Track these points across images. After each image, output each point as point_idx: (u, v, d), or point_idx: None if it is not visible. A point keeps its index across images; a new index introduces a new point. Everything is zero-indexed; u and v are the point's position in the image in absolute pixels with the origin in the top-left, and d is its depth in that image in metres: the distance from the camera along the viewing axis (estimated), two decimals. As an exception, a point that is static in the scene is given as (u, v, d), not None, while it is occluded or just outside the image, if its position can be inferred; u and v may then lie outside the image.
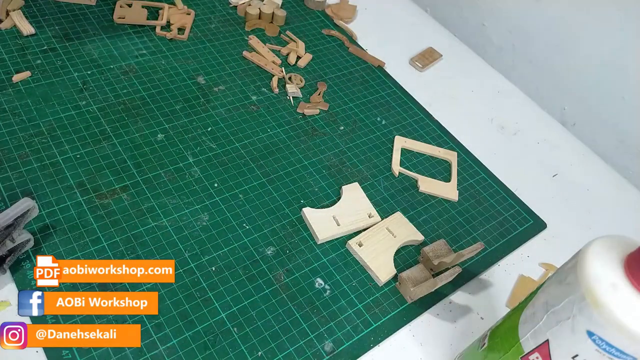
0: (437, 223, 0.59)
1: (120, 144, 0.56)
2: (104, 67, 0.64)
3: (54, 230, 0.48)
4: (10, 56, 0.61)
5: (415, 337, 0.49)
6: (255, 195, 0.56)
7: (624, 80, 0.71)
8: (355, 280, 0.52)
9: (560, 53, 0.77)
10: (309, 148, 0.63)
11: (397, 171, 0.63)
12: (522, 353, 0.37)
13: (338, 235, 0.54)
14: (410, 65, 0.80)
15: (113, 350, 0.42)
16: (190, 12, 0.74)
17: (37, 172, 0.52)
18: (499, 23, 0.84)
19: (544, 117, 0.79)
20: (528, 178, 0.68)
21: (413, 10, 0.92)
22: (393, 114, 0.70)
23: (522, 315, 0.38)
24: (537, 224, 0.62)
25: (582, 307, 0.32)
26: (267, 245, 0.52)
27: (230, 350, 0.44)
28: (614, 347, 0.31)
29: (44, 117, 0.56)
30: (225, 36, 0.73)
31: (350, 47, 0.79)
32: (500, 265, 0.57)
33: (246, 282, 0.49)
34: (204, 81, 0.66)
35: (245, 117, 0.64)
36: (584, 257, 0.33)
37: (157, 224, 0.51)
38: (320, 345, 0.46)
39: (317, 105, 0.68)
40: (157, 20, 0.71)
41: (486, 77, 0.83)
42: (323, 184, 0.59)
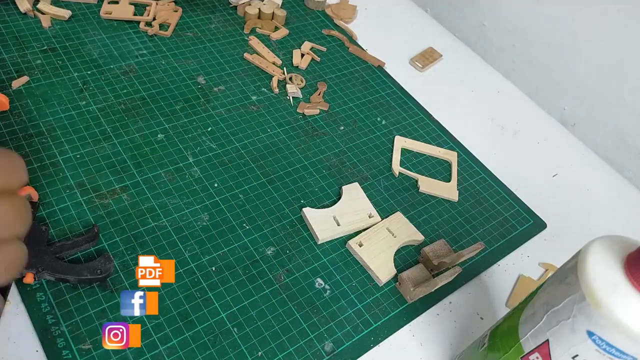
0: (437, 223, 0.59)
1: (120, 144, 0.56)
2: (104, 67, 0.64)
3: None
4: (10, 56, 0.61)
5: (415, 337, 0.49)
6: (255, 195, 0.56)
7: (624, 80, 0.71)
8: (355, 280, 0.52)
9: (560, 53, 0.77)
10: (309, 148, 0.63)
11: (397, 171, 0.63)
12: (522, 353, 0.37)
13: (338, 235, 0.54)
14: (410, 65, 0.80)
15: (113, 350, 0.42)
16: (178, 9, 0.74)
17: (37, 172, 0.52)
18: (499, 23, 0.84)
19: (544, 117, 0.79)
20: (528, 178, 0.68)
21: (413, 10, 0.92)
22: (393, 114, 0.70)
23: (522, 315, 0.38)
24: (537, 224, 0.62)
25: (582, 307, 0.32)
26: (267, 245, 0.52)
27: (230, 350, 0.44)
28: (614, 347, 0.31)
29: (44, 117, 0.56)
30: (225, 36, 0.73)
31: (350, 47, 0.79)
32: (500, 265, 0.57)
33: (246, 282, 0.49)
34: (204, 81, 0.66)
35: (245, 117, 0.64)
36: (584, 257, 0.33)
37: (157, 224, 0.51)
38: (320, 345, 0.46)
39: (317, 105, 0.68)
40: (143, 16, 0.71)
41: (486, 77, 0.83)
42: (323, 184, 0.59)
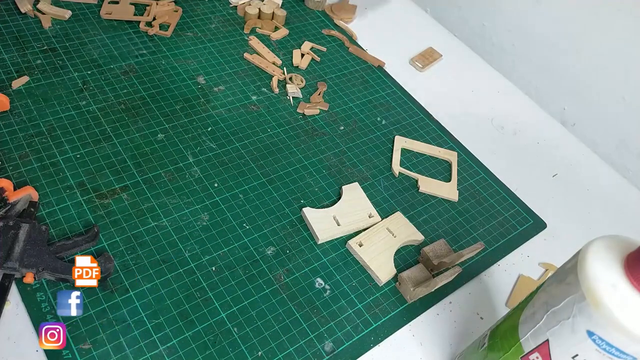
0: (437, 223, 0.59)
1: (120, 144, 0.56)
2: (104, 67, 0.64)
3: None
4: (11, 56, 0.61)
5: (415, 337, 0.49)
6: (255, 195, 0.56)
7: (624, 80, 0.71)
8: (355, 280, 0.52)
9: (560, 53, 0.77)
10: (309, 148, 0.63)
11: (397, 171, 0.63)
12: (522, 353, 0.37)
13: (338, 235, 0.54)
14: (410, 65, 0.80)
15: (113, 350, 0.42)
16: (178, 9, 0.74)
17: (37, 172, 0.52)
18: (499, 23, 0.84)
19: (544, 117, 0.79)
20: (528, 178, 0.68)
21: (413, 10, 0.92)
22: (393, 114, 0.70)
23: (522, 315, 0.38)
24: (537, 224, 0.62)
25: (582, 307, 0.32)
26: (267, 245, 0.52)
27: (230, 350, 0.44)
28: (613, 347, 0.31)
29: (44, 117, 0.56)
30: (225, 36, 0.73)
31: (350, 47, 0.79)
32: (500, 265, 0.57)
33: (246, 282, 0.49)
34: (204, 81, 0.66)
35: (245, 117, 0.64)
36: (584, 257, 0.33)
37: (157, 224, 0.51)
38: (321, 345, 0.46)
39: (317, 105, 0.68)
40: (143, 16, 0.71)
41: (486, 77, 0.83)
42: (323, 184, 0.59)
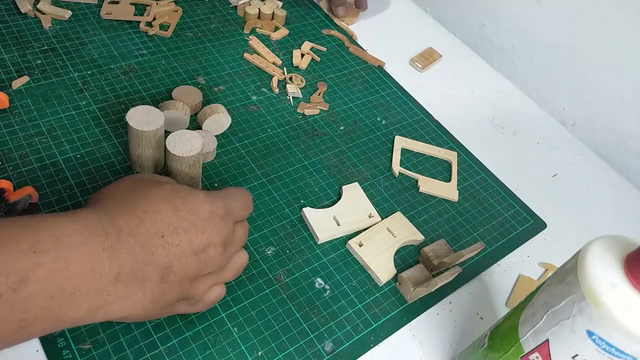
0: (437, 223, 0.59)
1: (120, 144, 0.56)
2: (104, 67, 0.64)
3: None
4: (11, 56, 0.61)
5: (415, 337, 0.49)
6: (255, 195, 0.56)
7: (624, 80, 0.71)
8: (355, 280, 0.52)
9: (560, 53, 0.77)
10: (309, 148, 0.63)
11: (397, 171, 0.63)
12: (522, 353, 0.37)
13: (338, 235, 0.54)
14: (410, 65, 0.80)
15: (113, 350, 0.42)
16: (178, 9, 0.74)
17: (37, 172, 0.52)
18: (499, 23, 0.84)
19: (544, 117, 0.79)
20: (528, 178, 0.68)
21: (413, 10, 0.92)
22: (393, 114, 0.70)
23: (522, 315, 0.38)
24: (537, 224, 0.62)
25: (582, 307, 0.32)
26: (267, 245, 0.52)
27: (230, 350, 0.44)
28: (613, 347, 0.31)
29: (44, 117, 0.56)
30: (225, 36, 0.73)
31: (350, 47, 0.79)
32: (500, 265, 0.57)
33: (246, 282, 0.49)
34: (204, 81, 0.66)
35: (245, 117, 0.64)
36: (584, 257, 0.33)
37: (157, 224, 0.51)
38: (321, 345, 0.46)
39: (317, 105, 0.68)
40: (143, 16, 0.71)
41: (486, 77, 0.83)
42: (323, 184, 0.59)
